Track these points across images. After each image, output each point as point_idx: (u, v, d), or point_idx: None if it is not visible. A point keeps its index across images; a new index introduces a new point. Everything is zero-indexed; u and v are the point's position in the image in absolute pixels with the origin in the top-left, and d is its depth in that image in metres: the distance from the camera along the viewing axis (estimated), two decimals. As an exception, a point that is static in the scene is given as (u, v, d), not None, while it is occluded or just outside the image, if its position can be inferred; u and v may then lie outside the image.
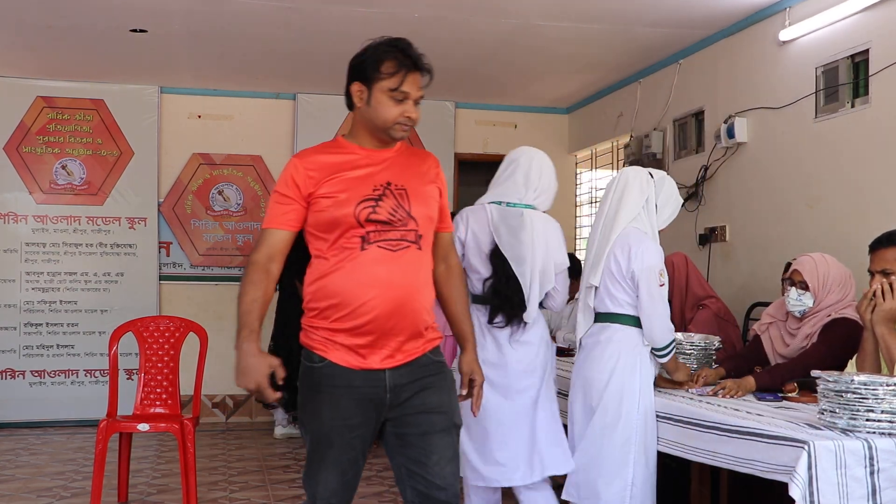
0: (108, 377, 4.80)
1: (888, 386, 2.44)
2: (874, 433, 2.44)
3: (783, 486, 2.42)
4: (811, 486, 2.35)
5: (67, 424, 6.93)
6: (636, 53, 6.09)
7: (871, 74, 4.25)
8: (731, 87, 5.42)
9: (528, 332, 3.37)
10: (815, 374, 2.65)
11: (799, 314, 3.46)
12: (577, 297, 3.59)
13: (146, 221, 7.17)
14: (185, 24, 5.48)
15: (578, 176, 8.09)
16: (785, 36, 4.83)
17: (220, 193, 7.37)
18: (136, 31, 5.62)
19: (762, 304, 4.98)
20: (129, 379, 6.58)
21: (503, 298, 3.33)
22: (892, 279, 2.93)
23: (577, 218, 7.93)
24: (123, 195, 7.13)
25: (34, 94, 7.00)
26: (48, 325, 6.98)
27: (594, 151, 7.73)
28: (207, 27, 5.55)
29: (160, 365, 4.68)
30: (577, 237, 7.85)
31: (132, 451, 4.83)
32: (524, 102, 7.78)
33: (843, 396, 2.49)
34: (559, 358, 3.79)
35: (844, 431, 2.49)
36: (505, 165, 3.60)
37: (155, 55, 6.25)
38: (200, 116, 7.35)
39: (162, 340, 4.71)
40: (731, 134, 5.25)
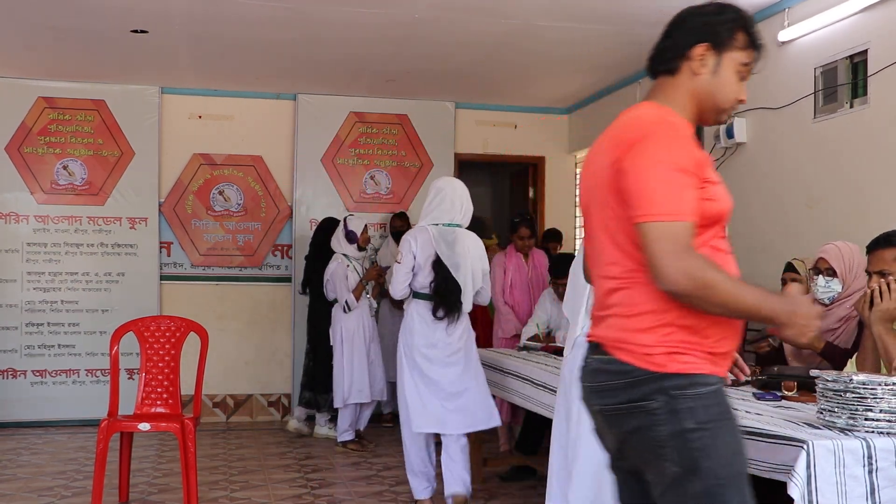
0: (109, 377, 4.81)
1: (887, 385, 2.45)
2: (873, 432, 2.45)
3: (783, 485, 2.43)
4: (810, 485, 2.36)
5: (68, 424, 6.94)
6: (636, 54, 6.09)
7: (869, 75, 4.26)
8: (730, 87, 5.42)
9: (458, 323, 4.41)
10: (814, 373, 2.66)
11: (829, 300, 3.57)
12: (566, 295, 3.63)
13: (147, 221, 7.18)
14: (185, 24, 5.50)
15: (578, 176, 8.10)
16: (784, 36, 4.84)
17: (220, 193, 7.38)
18: (137, 31, 5.63)
19: (762, 303, 4.98)
20: (129, 379, 6.59)
21: (443, 296, 4.38)
22: (889, 279, 2.95)
23: (576, 218, 7.94)
24: (124, 195, 7.15)
25: (35, 94, 7.01)
26: (49, 324, 6.99)
27: (594, 151, 7.72)
28: (208, 28, 5.57)
29: (161, 364, 4.69)
30: (576, 237, 7.86)
31: (133, 450, 4.84)
32: (524, 103, 7.80)
33: (841, 396, 2.50)
34: (557, 357, 3.88)
35: (843, 431, 2.49)
36: (433, 195, 4.49)
37: (156, 56, 6.26)
38: (201, 117, 7.36)
39: (163, 340, 4.72)
40: (730, 134, 5.27)
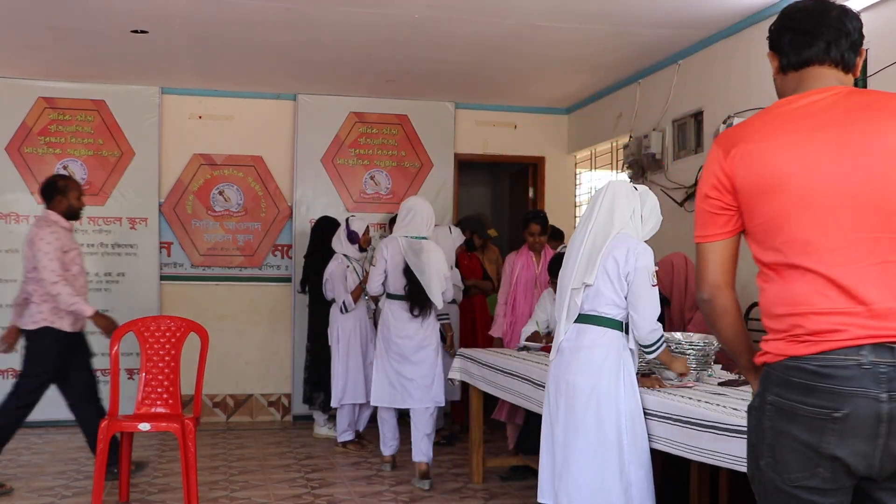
0: (109, 377, 4.81)
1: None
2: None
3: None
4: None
5: (69, 424, 6.89)
6: (636, 54, 6.11)
7: (869, 75, 4.26)
8: (730, 87, 5.43)
9: (428, 320, 5.32)
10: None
11: None
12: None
13: (147, 222, 7.18)
14: (185, 25, 5.50)
15: (578, 176, 8.11)
16: (784, 37, 4.84)
17: (220, 194, 7.38)
18: (137, 31, 5.63)
19: (761, 303, 4.99)
20: (129, 379, 6.60)
21: (415, 297, 5.24)
22: None
23: (576, 218, 7.95)
24: (124, 195, 7.15)
25: (36, 94, 7.01)
26: (49, 325, 6.99)
27: (594, 152, 7.74)
28: (208, 28, 5.57)
29: (161, 365, 4.69)
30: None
31: (133, 450, 4.85)
32: (524, 103, 7.80)
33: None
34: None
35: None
36: (405, 212, 5.35)
37: (156, 56, 6.26)
38: (201, 117, 7.36)
39: (163, 340, 4.72)
40: (730, 134, 5.27)
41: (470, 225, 7.03)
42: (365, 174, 7.57)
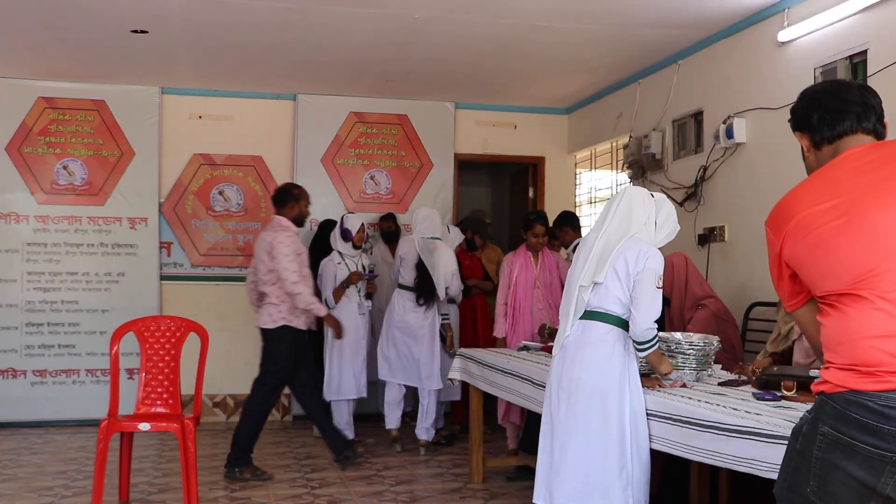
0: (109, 377, 4.82)
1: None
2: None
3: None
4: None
5: (69, 424, 6.95)
6: (636, 54, 6.11)
7: (869, 75, 4.26)
8: (730, 87, 5.43)
9: (431, 308, 6.02)
10: (813, 373, 2.66)
11: None
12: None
13: (147, 221, 7.18)
14: (185, 25, 5.50)
15: (578, 176, 8.10)
16: (784, 37, 4.85)
17: (220, 194, 7.39)
18: (136, 31, 5.63)
19: (761, 304, 4.99)
20: (130, 378, 6.60)
21: (423, 289, 5.99)
22: None
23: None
24: (124, 195, 7.15)
25: (36, 94, 7.01)
26: (49, 324, 7.00)
27: (594, 152, 7.74)
28: (208, 28, 5.57)
29: (161, 364, 4.69)
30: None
31: (133, 450, 4.85)
32: (524, 103, 7.80)
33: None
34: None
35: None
36: (422, 217, 6.17)
37: (156, 56, 6.26)
38: (201, 117, 7.36)
39: (163, 340, 4.72)
40: (729, 134, 5.27)
41: (470, 225, 7.03)
42: (365, 174, 7.57)
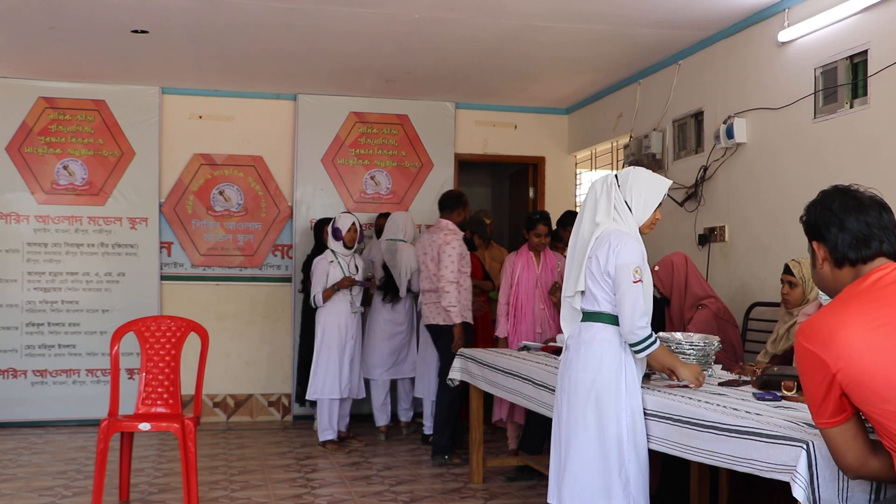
0: (109, 377, 4.82)
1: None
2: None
3: (783, 485, 2.43)
4: (812, 485, 2.36)
5: (69, 424, 6.95)
6: (636, 54, 6.11)
7: (869, 75, 4.26)
8: (730, 87, 5.43)
9: (399, 305, 6.53)
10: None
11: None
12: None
13: (147, 221, 7.18)
14: (186, 24, 5.50)
15: (578, 176, 8.10)
16: (784, 37, 4.85)
17: (220, 194, 7.39)
18: (137, 31, 5.63)
19: (761, 304, 4.99)
20: (130, 378, 6.61)
21: (388, 287, 6.49)
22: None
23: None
24: (125, 195, 7.15)
25: (36, 94, 7.02)
26: (50, 324, 7.00)
27: (594, 152, 7.74)
28: (208, 28, 5.57)
29: (161, 364, 4.69)
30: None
31: (133, 450, 4.85)
32: (524, 103, 7.80)
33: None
34: (557, 357, 3.91)
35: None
36: (389, 223, 6.57)
37: (156, 56, 6.26)
38: (201, 117, 7.37)
39: (163, 340, 4.72)
40: (730, 134, 5.27)
41: (471, 225, 7.03)
42: (365, 174, 7.57)
